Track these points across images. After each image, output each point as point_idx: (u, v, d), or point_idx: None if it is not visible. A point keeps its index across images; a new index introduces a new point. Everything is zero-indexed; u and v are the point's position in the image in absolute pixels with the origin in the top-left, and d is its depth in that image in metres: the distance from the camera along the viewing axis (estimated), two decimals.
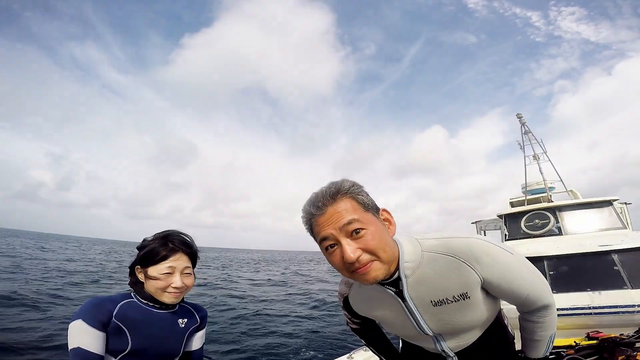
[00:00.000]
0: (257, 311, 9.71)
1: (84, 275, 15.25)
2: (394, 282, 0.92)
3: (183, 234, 1.22)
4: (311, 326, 8.50)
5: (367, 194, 0.90)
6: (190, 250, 1.20)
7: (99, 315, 1.07)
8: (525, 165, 7.30)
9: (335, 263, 0.85)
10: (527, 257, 0.97)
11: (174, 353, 1.22)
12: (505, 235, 4.86)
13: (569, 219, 4.38)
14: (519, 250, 3.51)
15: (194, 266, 1.23)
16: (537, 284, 0.95)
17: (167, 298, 1.15)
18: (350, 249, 0.80)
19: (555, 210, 4.52)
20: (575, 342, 2.23)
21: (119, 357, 1.10)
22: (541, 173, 6.73)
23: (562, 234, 4.29)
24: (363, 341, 1.26)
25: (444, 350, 1.05)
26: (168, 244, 1.15)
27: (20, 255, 23.56)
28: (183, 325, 1.23)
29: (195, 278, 1.25)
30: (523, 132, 7.35)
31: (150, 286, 1.14)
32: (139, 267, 1.17)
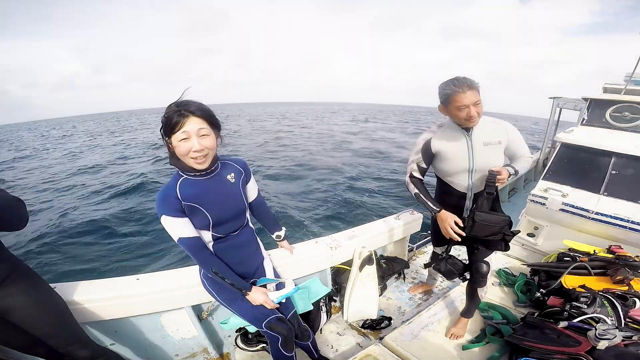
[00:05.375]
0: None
1: None
2: (467, 129, 1.62)
3: (193, 100, 1.16)
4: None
5: None
6: (203, 113, 1.13)
7: (171, 205, 1.15)
8: None
9: (461, 114, 1.50)
10: (595, 149, 1.16)
11: (242, 208, 1.31)
12: (583, 119, 4.29)
13: None
14: (593, 138, 3.27)
15: (214, 128, 1.17)
16: (526, 150, 1.70)
17: (194, 164, 1.14)
18: (474, 111, 1.51)
19: None
20: (594, 250, 2.40)
21: (211, 231, 1.24)
22: None
23: None
24: (416, 190, 1.73)
25: (470, 184, 1.70)
26: (180, 110, 1.10)
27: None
28: (233, 180, 1.30)
29: (221, 140, 1.22)
30: None
31: (179, 156, 1.14)
32: (167, 138, 1.14)
